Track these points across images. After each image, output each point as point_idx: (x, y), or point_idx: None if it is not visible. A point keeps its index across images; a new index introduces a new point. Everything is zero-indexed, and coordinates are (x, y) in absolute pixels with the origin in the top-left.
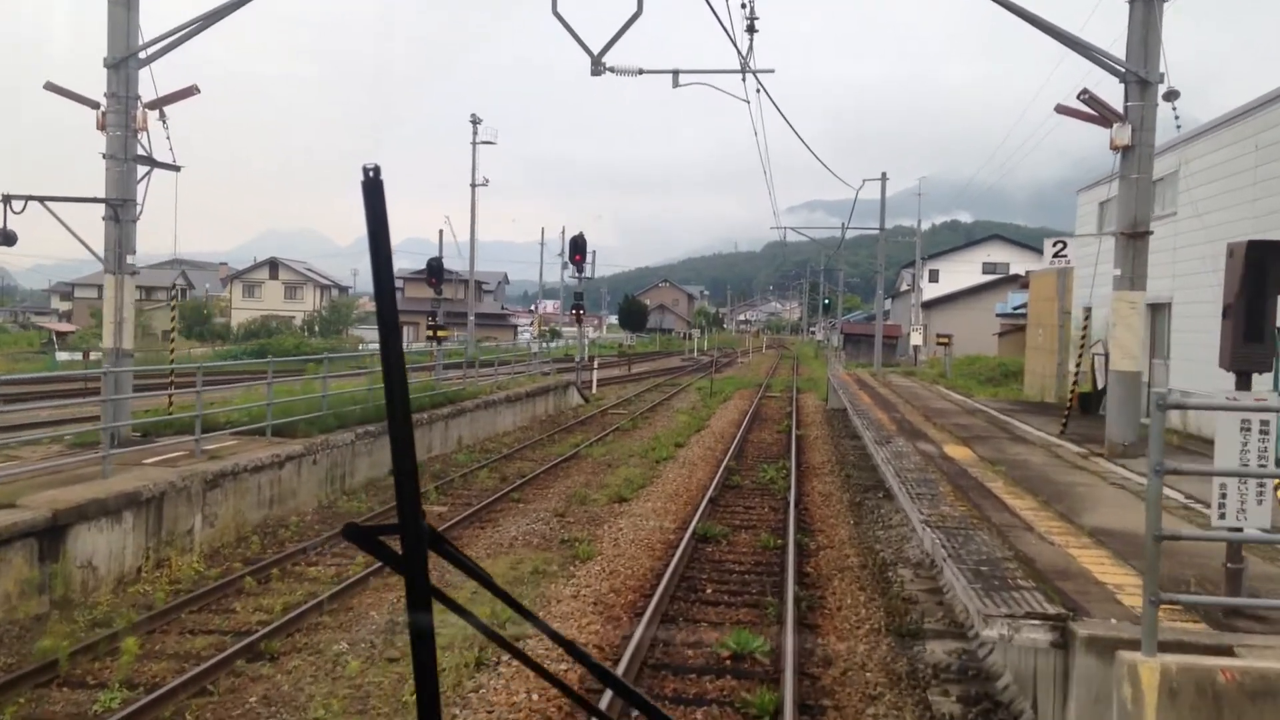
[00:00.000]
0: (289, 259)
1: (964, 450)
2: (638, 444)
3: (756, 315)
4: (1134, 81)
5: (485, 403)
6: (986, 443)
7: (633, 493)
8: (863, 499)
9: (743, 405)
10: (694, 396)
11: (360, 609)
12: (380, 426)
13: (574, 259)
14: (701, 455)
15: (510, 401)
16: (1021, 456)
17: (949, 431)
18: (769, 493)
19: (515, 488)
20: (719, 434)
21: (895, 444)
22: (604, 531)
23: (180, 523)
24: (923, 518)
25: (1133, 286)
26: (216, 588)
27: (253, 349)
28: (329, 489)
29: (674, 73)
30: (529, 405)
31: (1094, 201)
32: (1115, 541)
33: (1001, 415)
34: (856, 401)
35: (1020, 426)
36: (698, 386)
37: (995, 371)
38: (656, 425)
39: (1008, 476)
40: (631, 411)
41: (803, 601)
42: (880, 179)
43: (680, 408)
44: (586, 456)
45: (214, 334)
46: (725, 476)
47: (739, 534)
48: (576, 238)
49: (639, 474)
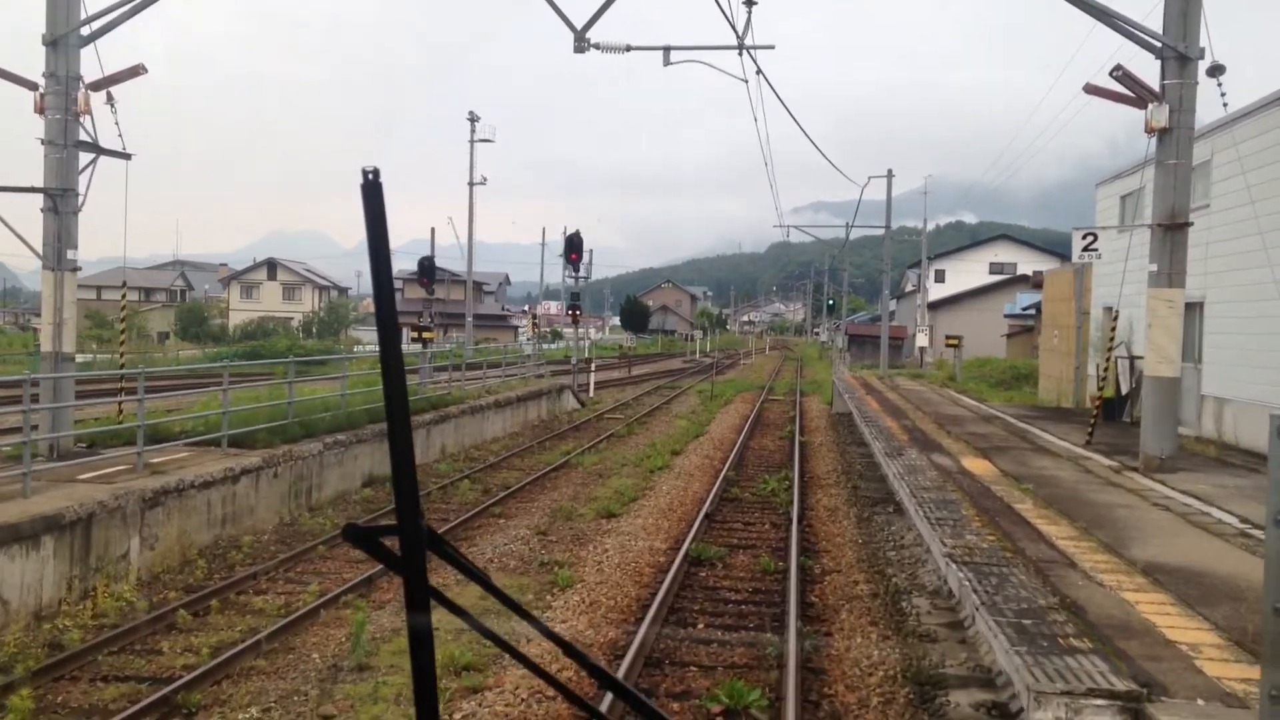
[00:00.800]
0: (287, 260)
1: (984, 464)
2: (632, 452)
3: (760, 316)
4: (1172, 57)
5: (472, 408)
6: (1007, 454)
7: (623, 507)
8: (871, 514)
9: (744, 410)
10: (694, 400)
11: (303, 649)
12: (351, 435)
13: (570, 258)
14: (699, 464)
15: (499, 406)
16: (1048, 471)
17: (965, 441)
18: (770, 506)
19: (497, 501)
20: (719, 441)
21: (908, 456)
22: (588, 553)
23: (113, 547)
24: (946, 550)
25: (1171, 283)
26: (145, 623)
27: (244, 350)
28: (292, 504)
29: (665, 49)
30: (520, 410)
31: (1114, 195)
32: (1176, 582)
33: (1019, 422)
34: (864, 407)
35: (1041, 435)
36: (698, 390)
37: (1006, 374)
38: (654, 431)
39: (1036, 496)
40: (628, 416)
41: (806, 640)
42: (886, 176)
43: (679, 412)
44: (577, 466)
45: (210, 335)
46: (723, 488)
47: (737, 555)
48: (572, 236)
49: (631, 486)
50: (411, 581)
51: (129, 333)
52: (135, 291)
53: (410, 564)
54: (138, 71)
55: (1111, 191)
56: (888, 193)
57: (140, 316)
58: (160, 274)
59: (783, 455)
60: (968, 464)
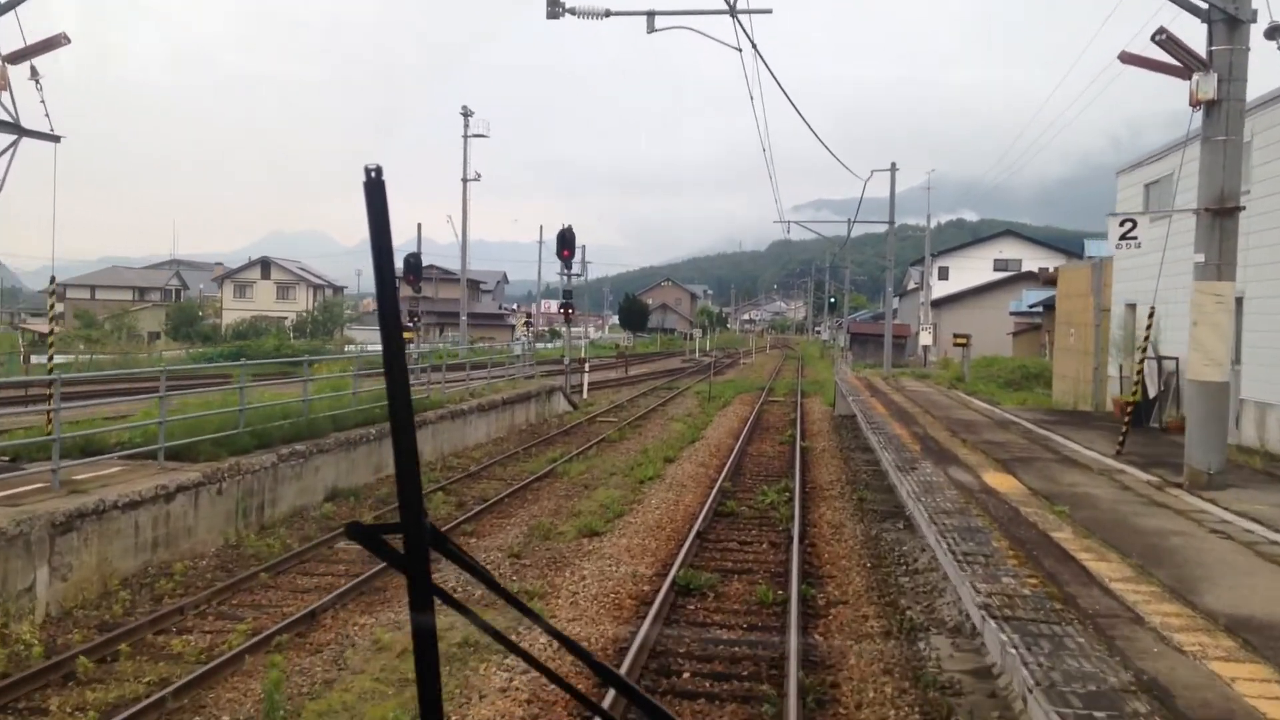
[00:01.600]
0: (281, 259)
1: (1008, 479)
2: (623, 459)
3: (761, 315)
4: (1220, 20)
5: (452, 413)
6: (1032, 467)
7: (607, 524)
8: (880, 531)
9: (743, 412)
10: (691, 402)
11: (214, 705)
12: (312, 445)
13: (562, 254)
14: (693, 474)
15: (483, 410)
16: (1082, 488)
17: (982, 452)
18: (769, 522)
19: (471, 516)
20: (715, 446)
21: (922, 470)
22: (564, 580)
23: (13, 580)
24: (981, 600)
25: (1220, 275)
26: (35, 673)
27: (230, 351)
28: (240, 524)
29: (649, 14)
30: (506, 414)
31: (1138, 184)
32: (1273, 645)
33: (1039, 428)
34: (869, 411)
35: (1065, 444)
36: (696, 390)
37: (1016, 374)
38: (647, 436)
39: (1074, 521)
40: (622, 419)
41: (810, 695)
42: (889, 169)
43: (675, 415)
44: (562, 475)
45: (201, 335)
46: (718, 501)
47: (731, 583)
48: (564, 231)
49: (619, 498)
50: (415, 580)
51: (119, 333)
52: (129, 291)
53: (414, 562)
54: (57, 43)
55: (1135, 179)
56: (891, 186)
57: (130, 316)
58: (155, 273)
59: (783, 462)
60: (990, 479)
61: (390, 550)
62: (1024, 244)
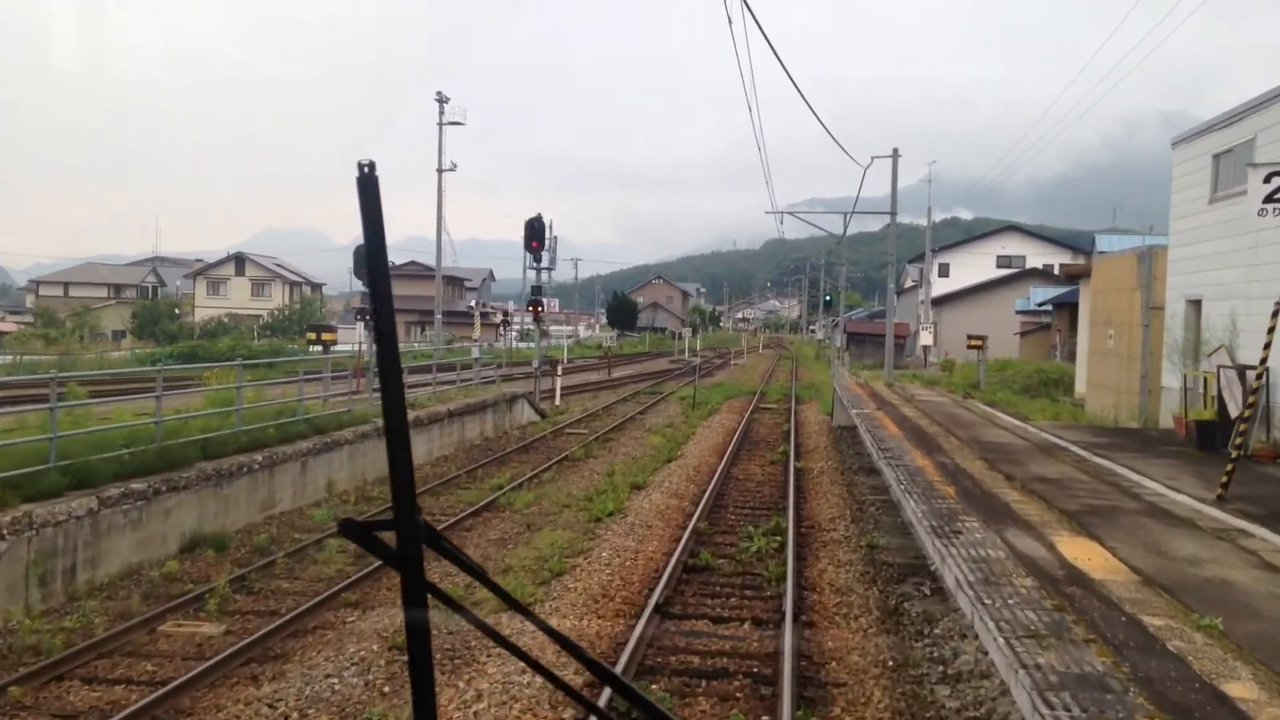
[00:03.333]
0: (257, 254)
1: (1095, 550)
2: (582, 485)
3: (755, 313)
4: None
5: (379, 429)
6: (1117, 525)
7: (537, 589)
8: (899, 599)
9: (730, 422)
10: (674, 409)
11: None
12: (162, 480)
13: (530, 246)
14: (663, 508)
15: (424, 425)
16: (1208, 568)
17: (1040, 496)
18: (753, 585)
19: (365, 575)
20: (695, 467)
21: (968, 534)
22: (447, 704)
23: None
24: None
25: None
26: None
27: (182, 351)
28: (32, 596)
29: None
30: (453, 427)
31: (1204, 154)
32: None
33: (1093, 455)
34: (879, 430)
35: (1140, 482)
36: (682, 395)
37: (1033, 379)
38: (618, 452)
39: (1239, 649)
40: (593, 431)
41: None
42: (891, 155)
43: (654, 425)
44: (504, 509)
45: (167, 334)
46: (691, 549)
47: (696, 698)
48: (533, 221)
49: (563, 547)
50: (409, 577)
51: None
52: (104, 288)
53: (407, 559)
54: None
55: (1198, 150)
56: (893, 171)
57: (92, 314)
58: (132, 270)
59: (773, 490)
60: (1070, 551)
61: (383, 547)
62: (1027, 239)
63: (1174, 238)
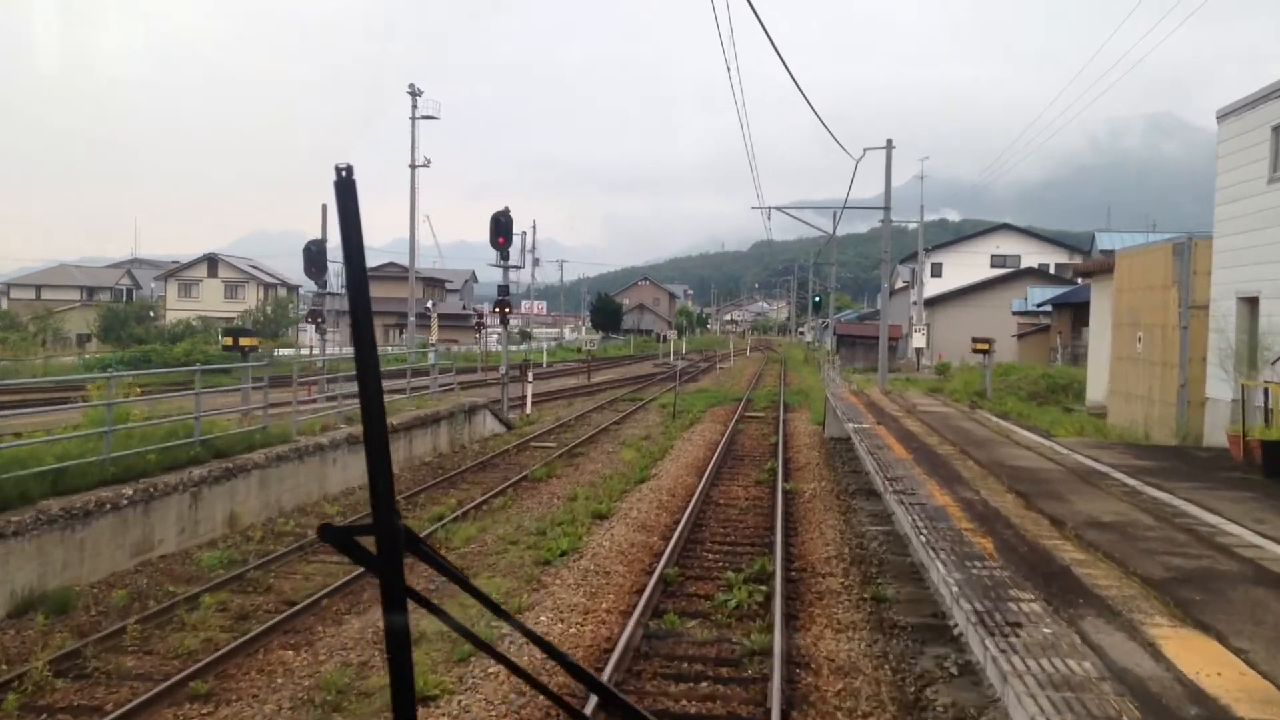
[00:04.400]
0: (230, 255)
1: (1216, 654)
2: (538, 513)
3: (743, 315)
4: None
5: (301, 450)
6: (1226, 601)
7: (451, 671)
8: (919, 682)
9: (713, 434)
10: (653, 418)
11: None
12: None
13: (496, 241)
14: (626, 545)
15: (359, 442)
16: None
17: (1103, 552)
18: (730, 661)
19: (243, 645)
20: (669, 489)
21: (1029, 623)
22: None
23: None
24: None
25: None
26: None
27: (135, 356)
28: None
29: None
30: (399, 444)
31: (1261, 126)
32: None
33: (1143, 485)
34: (882, 451)
35: (1222, 527)
36: (663, 402)
37: (1040, 386)
38: (585, 470)
39: None
40: (561, 444)
41: None
42: (885, 147)
43: (630, 437)
44: (439, 548)
45: (134, 337)
46: (655, 607)
47: None
48: (499, 215)
49: (498, 601)
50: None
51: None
52: (78, 291)
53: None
54: None
55: (1253, 122)
56: (887, 163)
57: (56, 318)
58: (107, 272)
59: (759, 519)
60: (1186, 659)
61: (363, 552)
62: (1022, 238)
63: (1221, 225)
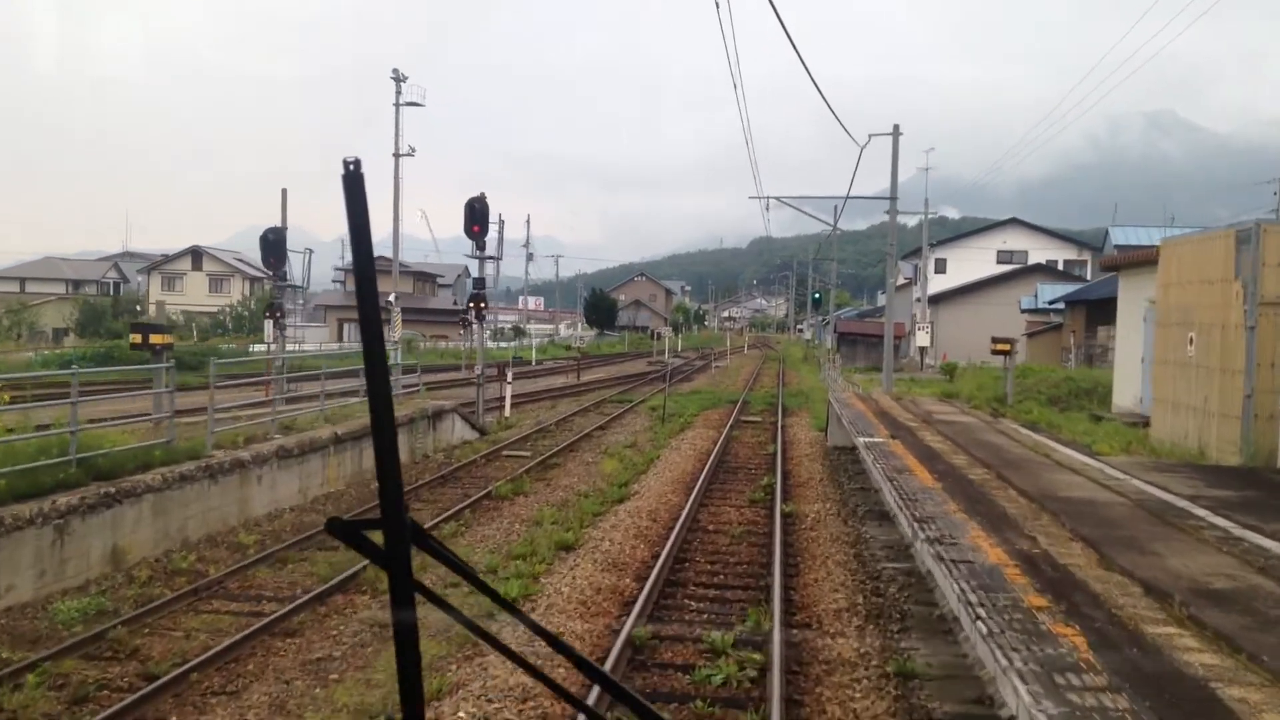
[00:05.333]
0: (216, 248)
1: None
2: (490, 547)
3: (742, 312)
4: None
5: (212, 468)
6: None
7: None
8: None
9: (704, 442)
10: (642, 422)
11: None
12: None
13: (471, 230)
14: (591, 590)
15: (290, 457)
16: None
17: (1244, 652)
18: None
19: None
20: (651, 512)
21: None
22: None
23: None
24: None
25: None
26: None
27: (98, 352)
28: None
29: None
30: (345, 457)
31: None
32: None
33: (1237, 527)
34: (904, 476)
35: None
36: (652, 405)
37: (1061, 390)
38: (558, 486)
39: None
40: (537, 453)
41: None
42: (891, 133)
43: (613, 444)
44: (364, 591)
45: (111, 332)
46: (620, 679)
47: None
48: (473, 201)
49: None
50: (396, 576)
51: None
52: (63, 284)
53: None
54: None
55: None
56: (894, 150)
57: (31, 311)
58: (94, 265)
59: (753, 552)
60: None
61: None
62: (1030, 233)
63: None
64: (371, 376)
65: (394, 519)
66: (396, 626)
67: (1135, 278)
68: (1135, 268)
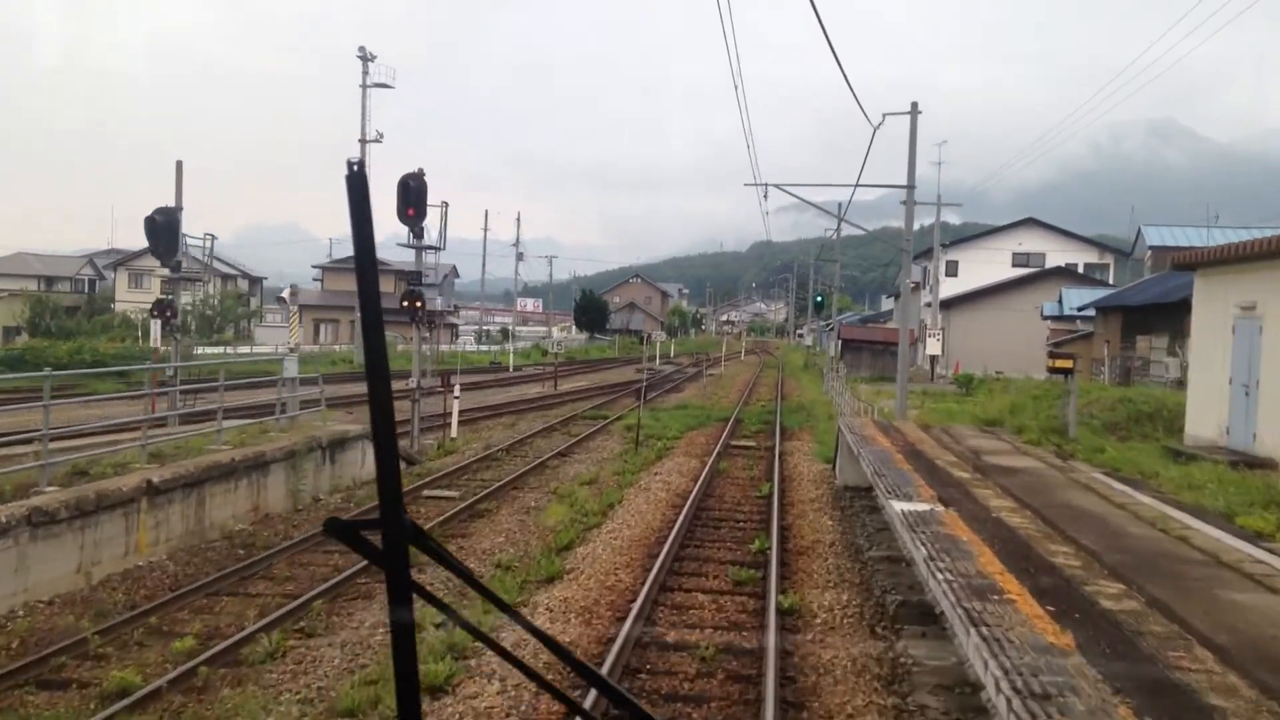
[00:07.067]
0: (190, 243)
1: None
2: (328, 674)
3: (741, 316)
4: None
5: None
6: None
7: None
8: None
9: (682, 478)
10: (614, 444)
11: None
12: None
13: (405, 213)
14: None
15: (86, 514)
16: None
17: None
18: None
19: None
20: (585, 606)
21: None
22: None
23: None
24: None
25: None
26: None
27: (13, 355)
28: None
29: None
30: (177, 510)
31: None
32: None
33: None
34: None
35: None
36: (630, 423)
37: (1118, 413)
38: (474, 549)
39: None
40: (467, 494)
41: None
42: (910, 112)
43: (570, 479)
44: None
45: (64, 330)
46: None
47: None
48: (407, 179)
49: None
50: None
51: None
52: (35, 280)
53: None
54: None
55: None
56: (911, 130)
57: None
58: (69, 262)
59: (733, 690)
60: None
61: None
62: (1048, 234)
63: None
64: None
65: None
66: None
67: (1219, 278)
68: (1219, 266)
